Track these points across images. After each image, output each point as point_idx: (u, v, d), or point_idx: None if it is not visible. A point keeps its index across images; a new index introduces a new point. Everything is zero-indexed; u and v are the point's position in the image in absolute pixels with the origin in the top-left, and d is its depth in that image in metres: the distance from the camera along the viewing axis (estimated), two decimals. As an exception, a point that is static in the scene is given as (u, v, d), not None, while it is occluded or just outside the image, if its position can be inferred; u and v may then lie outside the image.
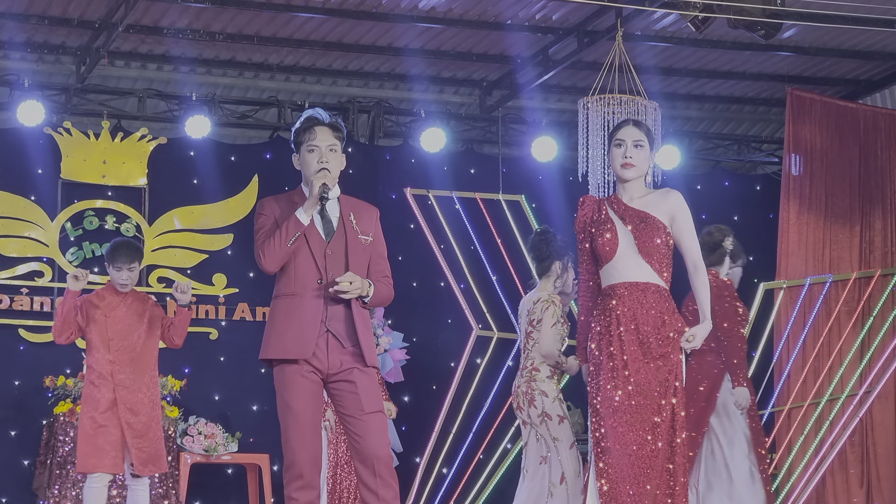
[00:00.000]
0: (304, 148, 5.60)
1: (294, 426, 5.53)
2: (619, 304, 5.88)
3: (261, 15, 10.13)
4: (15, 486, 10.46)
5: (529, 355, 7.62)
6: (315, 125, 5.59)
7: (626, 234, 5.92)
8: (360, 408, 5.51)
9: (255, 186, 11.31)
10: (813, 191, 11.39)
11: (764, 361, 11.19)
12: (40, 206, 10.89)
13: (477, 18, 10.33)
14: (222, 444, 10.43)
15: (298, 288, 5.53)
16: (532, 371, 7.57)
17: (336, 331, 5.52)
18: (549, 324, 7.55)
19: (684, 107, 12.29)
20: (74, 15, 10.20)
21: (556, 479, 7.46)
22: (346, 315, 5.55)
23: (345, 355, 5.53)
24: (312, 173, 5.54)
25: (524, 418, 7.58)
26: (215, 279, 11.15)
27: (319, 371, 5.53)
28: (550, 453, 7.50)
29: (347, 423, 5.56)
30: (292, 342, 5.50)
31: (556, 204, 11.80)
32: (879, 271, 11.31)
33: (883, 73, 11.59)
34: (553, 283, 7.73)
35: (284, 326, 5.53)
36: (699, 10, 8.99)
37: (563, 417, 7.52)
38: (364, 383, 5.53)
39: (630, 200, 5.99)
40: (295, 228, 5.48)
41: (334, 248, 5.55)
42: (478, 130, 11.96)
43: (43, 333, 10.77)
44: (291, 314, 5.52)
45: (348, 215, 5.61)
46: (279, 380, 5.58)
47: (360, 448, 5.52)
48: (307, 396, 5.53)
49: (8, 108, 10.63)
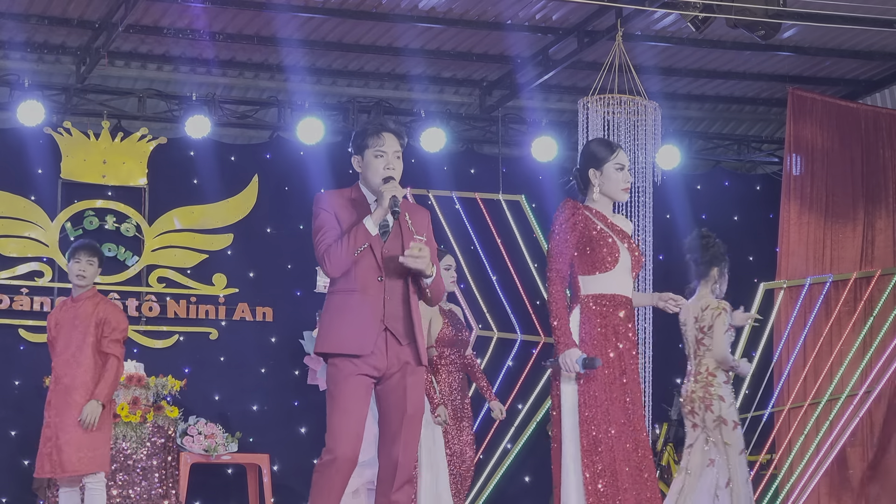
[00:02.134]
0: (370, 152, 5.69)
1: (340, 422, 5.54)
2: (626, 316, 6.00)
3: (261, 15, 10.13)
4: (15, 486, 10.46)
5: (702, 361, 7.77)
6: (383, 131, 5.71)
7: (624, 251, 6.02)
8: (402, 409, 5.59)
9: (255, 186, 11.31)
10: (814, 191, 11.39)
11: (764, 361, 11.19)
12: (40, 206, 10.89)
13: (477, 18, 10.33)
14: (222, 444, 10.42)
15: (358, 285, 5.59)
16: (708, 376, 7.73)
17: (394, 329, 5.60)
18: (722, 330, 7.69)
19: (684, 107, 12.29)
20: (74, 15, 10.20)
21: (723, 483, 7.63)
22: (404, 313, 5.63)
23: (401, 352, 5.61)
24: (379, 178, 5.64)
25: (696, 422, 7.74)
26: (215, 279, 11.15)
27: (376, 369, 5.59)
28: (719, 457, 7.67)
29: (385, 420, 5.62)
30: (352, 337, 5.56)
31: (556, 204, 11.70)
32: (880, 271, 11.31)
33: (883, 73, 11.59)
34: (710, 288, 7.82)
35: (344, 321, 5.58)
36: (699, 10, 8.99)
37: (737, 424, 7.72)
38: (412, 383, 5.62)
39: (614, 219, 6.13)
40: (364, 238, 5.56)
41: (391, 247, 5.63)
42: (478, 130, 11.96)
43: (43, 333, 10.77)
44: (351, 310, 5.58)
45: (404, 215, 5.70)
46: (332, 374, 5.61)
47: (389, 450, 5.60)
48: (357, 395, 5.57)
49: (8, 108, 10.63)
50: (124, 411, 9.75)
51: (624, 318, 5.99)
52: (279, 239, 11.36)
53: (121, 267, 11.01)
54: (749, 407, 10.65)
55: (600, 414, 5.86)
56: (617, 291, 6.00)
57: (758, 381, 10.67)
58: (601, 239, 6.00)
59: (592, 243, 6.00)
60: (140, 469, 9.82)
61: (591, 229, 6.01)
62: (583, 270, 6.02)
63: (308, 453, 10.57)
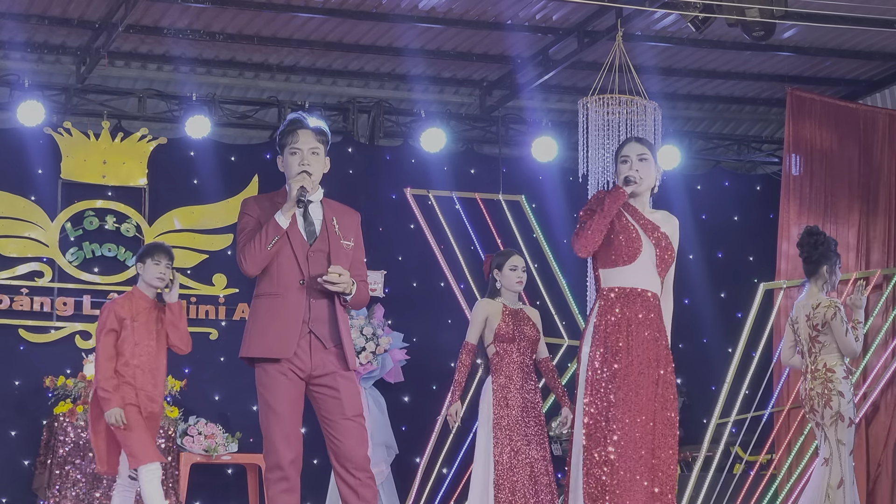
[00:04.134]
0: (286, 150, 5.67)
1: (277, 427, 5.57)
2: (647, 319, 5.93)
3: (261, 15, 10.13)
4: (15, 486, 10.46)
5: (818, 358, 7.77)
6: (298, 128, 5.65)
7: (648, 245, 5.98)
8: (341, 412, 5.57)
9: (255, 186, 11.30)
10: (813, 191, 11.38)
11: (764, 361, 11.16)
12: (40, 206, 10.89)
13: (477, 18, 10.33)
14: (222, 444, 10.43)
15: (280, 288, 5.57)
16: (827, 372, 7.73)
17: (318, 332, 5.56)
18: (844, 329, 7.70)
19: (684, 107, 12.29)
20: (74, 15, 10.20)
21: (835, 483, 7.62)
22: (328, 316, 5.59)
23: (327, 356, 5.58)
24: (293, 176, 5.60)
25: (817, 420, 7.75)
26: (215, 279, 11.16)
27: (301, 370, 5.56)
28: (833, 456, 7.67)
29: (328, 426, 5.60)
30: (274, 341, 5.55)
31: (556, 204, 11.80)
32: (879, 271, 11.30)
33: (883, 73, 11.59)
34: (821, 286, 7.85)
35: (266, 325, 5.57)
36: (699, 10, 8.99)
37: (853, 422, 7.72)
38: (346, 388, 5.59)
39: (644, 213, 6.07)
40: (274, 232, 5.54)
41: (317, 250, 5.60)
42: (478, 130, 11.96)
43: (43, 333, 10.78)
44: (273, 314, 5.56)
45: (331, 219, 5.66)
46: (260, 379, 5.62)
47: (340, 451, 5.57)
48: (289, 397, 5.57)
49: (8, 108, 10.63)
50: (124, 411, 9.74)
51: (643, 321, 5.89)
52: (279, 239, 11.34)
53: (121, 267, 11.01)
54: (749, 407, 10.64)
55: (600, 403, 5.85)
56: (638, 286, 5.94)
57: (758, 381, 10.66)
58: (622, 230, 5.96)
59: (612, 233, 5.95)
60: (140, 469, 9.80)
61: (615, 220, 5.97)
62: (604, 264, 6.01)
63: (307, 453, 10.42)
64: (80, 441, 9.85)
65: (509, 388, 7.96)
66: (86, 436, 9.67)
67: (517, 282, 8.13)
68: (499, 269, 8.14)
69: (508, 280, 8.12)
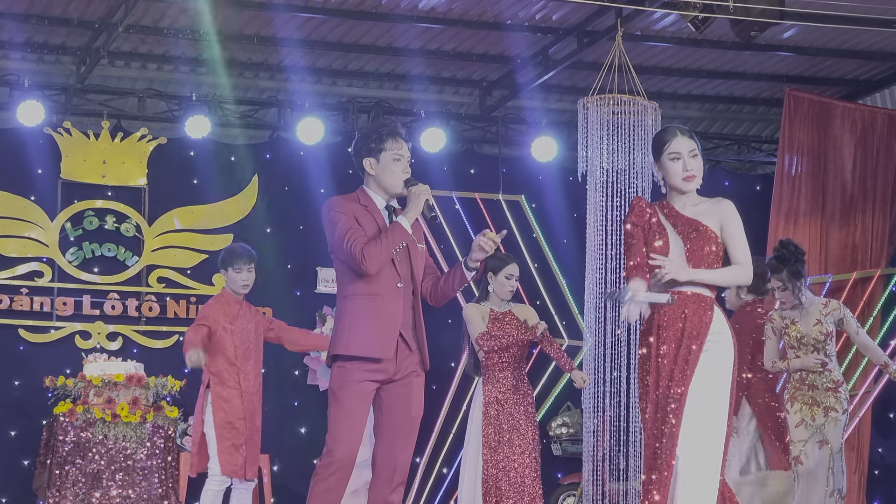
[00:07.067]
0: (388, 154, 5.78)
1: (344, 425, 5.61)
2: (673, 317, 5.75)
3: (261, 15, 10.13)
4: (15, 486, 10.46)
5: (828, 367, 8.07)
6: (399, 136, 5.79)
7: (676, 242, 5.87)
8: (406, 412, 5.68)
9: (255, 186, 11.31)
10: (811, 191, 11.37)
11: (764, 361, 11.17)
12: (40, 206, 10.90)
13: (477, 18, 10.34)
14: (222, 444, 10.40)
15: (381, 289, 5.66)
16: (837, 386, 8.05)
17: (406, 335, 5.69)
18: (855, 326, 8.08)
19: (684, 107, 12.29)
20: (74, 15, 10.20)
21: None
22: (413, 320, 5.74)
23: (410, 358, 5.70)
24: (398, 181, 5.78)
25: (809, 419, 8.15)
26: (215, 279, 11.15)
27: (385, 373, 5.64)
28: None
29: (386, 422, 5.69)
30: (375, 341, 5.63)
31: (556, 204, 11.80)
32: (879, 271, 11.31)
33: (883, 73, 11.59)
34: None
35: (365, 325, 5.64)
36: (699, 10, 8.99)
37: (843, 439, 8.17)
38: (417, 387, 5.73)
39: (683, 208, 5.98)
40: (402, 237, 5.68)
41: (401, 253, 5.73)
42: (478, 130, 11.96)
43: (43, 333, 10.79)
44: (373, 314, 5.65)
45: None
46: (340, 376, 5.66)
47: (389, 450, 5.67)
48: (363, 401, 5.65)
49: (8, 108, 10.63)
50: (124, 411, 9.75)
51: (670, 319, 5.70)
52: (279, 239, 11.36)
53: (121, 267, 11.02)
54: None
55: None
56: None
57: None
58: (653, 231, 5.87)
59: (648, 237, 5.85)
60: (140, 469, 9.81)
61: (648, 222, 5.88)
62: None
63: (308, 453, 10.57)
64: (80, 441, 9.83)
65: (500, 391, 7.98)
66: (85, 435, 9.68)
67: (509, 290, 8.15)
68: (493, 274, 8.11)
69: (501, 287, 8.13)
